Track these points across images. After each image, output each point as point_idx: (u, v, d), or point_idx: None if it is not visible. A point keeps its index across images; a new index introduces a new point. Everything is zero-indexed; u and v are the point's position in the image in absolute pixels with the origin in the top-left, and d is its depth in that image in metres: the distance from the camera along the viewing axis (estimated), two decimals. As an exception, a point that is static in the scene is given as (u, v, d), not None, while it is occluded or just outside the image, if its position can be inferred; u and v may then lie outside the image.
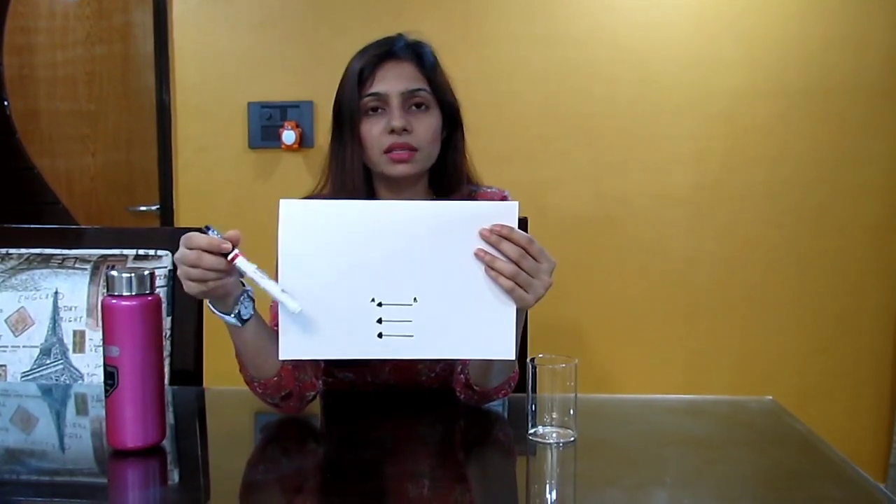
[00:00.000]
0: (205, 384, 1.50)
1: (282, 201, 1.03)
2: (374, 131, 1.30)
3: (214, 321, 1.13)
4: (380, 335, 1.04)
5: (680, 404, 1.32)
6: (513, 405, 1.27)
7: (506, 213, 1.04)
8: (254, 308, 1.11)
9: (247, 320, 1.10)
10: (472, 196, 1.40)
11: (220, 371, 1.54)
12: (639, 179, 2.50)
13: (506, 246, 1.03)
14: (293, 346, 1.04)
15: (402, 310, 1.04)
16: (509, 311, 1.04)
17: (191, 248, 1.02)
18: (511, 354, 1.05)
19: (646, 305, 2.53)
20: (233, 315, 1.09)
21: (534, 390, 1.07)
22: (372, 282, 1.03)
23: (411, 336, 1.04)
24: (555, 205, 2.50)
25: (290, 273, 1.03)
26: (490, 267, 1.03)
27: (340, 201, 1.07)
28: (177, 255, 1.04)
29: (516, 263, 1.03)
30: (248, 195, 2.56)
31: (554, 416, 1.08)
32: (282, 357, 1.05)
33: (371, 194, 1.36)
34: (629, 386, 2.54)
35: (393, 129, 1.28)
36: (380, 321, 1.04)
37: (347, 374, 1.38)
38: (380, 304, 1.04)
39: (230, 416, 1.31)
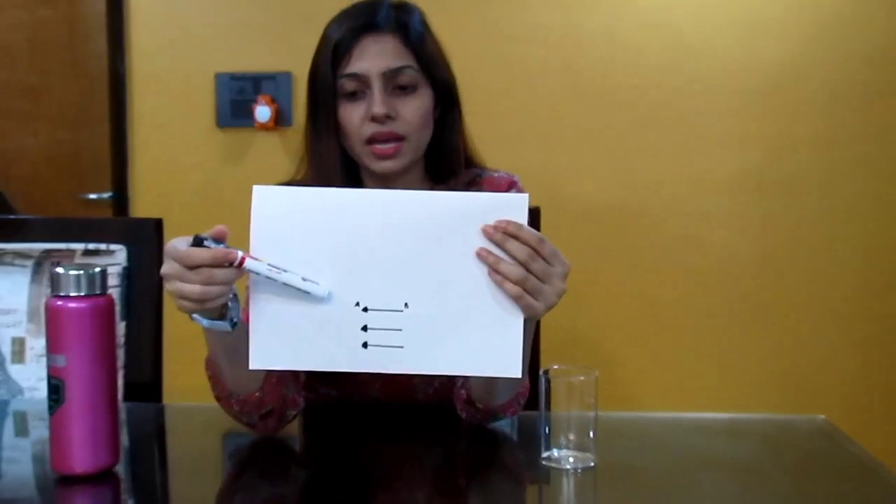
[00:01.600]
0: (164, 400, 1.50)
1: (255, 187, 1.03)
2: (354, 118, 1.29)
3: (175, 327, 1.13)
4: (365, 345, 1.04)
5: (716, 423, 1.32)
6: (523, 424, 1.27)
7: (514, 207, 1.03)
8: (240, 308, 1.10)
9: (236, 323, 1.09)
10: (476, 181, 1.40)
11: (182, 385, 1.54)
12: (670, 164, 2.50)
13: (513, 245, 1.02)
14: (264, 354, 1.04)
15: (391, 317, 1.04)
16: (516, 322, 1.04)
17: (191, 267, 1.00)
18: (517, 372, 1.05)
19: (677, 310, 2.54)
20: (226, 320, 1.07)
21: (547, 407, 1.07)
22: (357, 283, 1.03)
23: (401, 347, 1.04)
24: (572, 193, 2.50)
25: None
26: (494, 270, 1.02)
27: (322, 188, 1.07)
28: (167, 270, 1.02)
29: (525, 266, 1.02)
30: (216, 181, 2.57)
31: (570, 438, 1.08)
32: (252, 367, 1.05)
33: (356, 186, 1.36)
34: (657, 402, 2.55)
35: (374, 117, 1.28)
36: (365, 329, 1.04)
37: (331, 390, 1.38)
38: (365, 310, 1.04)
39: (194, 437, 1.30)
